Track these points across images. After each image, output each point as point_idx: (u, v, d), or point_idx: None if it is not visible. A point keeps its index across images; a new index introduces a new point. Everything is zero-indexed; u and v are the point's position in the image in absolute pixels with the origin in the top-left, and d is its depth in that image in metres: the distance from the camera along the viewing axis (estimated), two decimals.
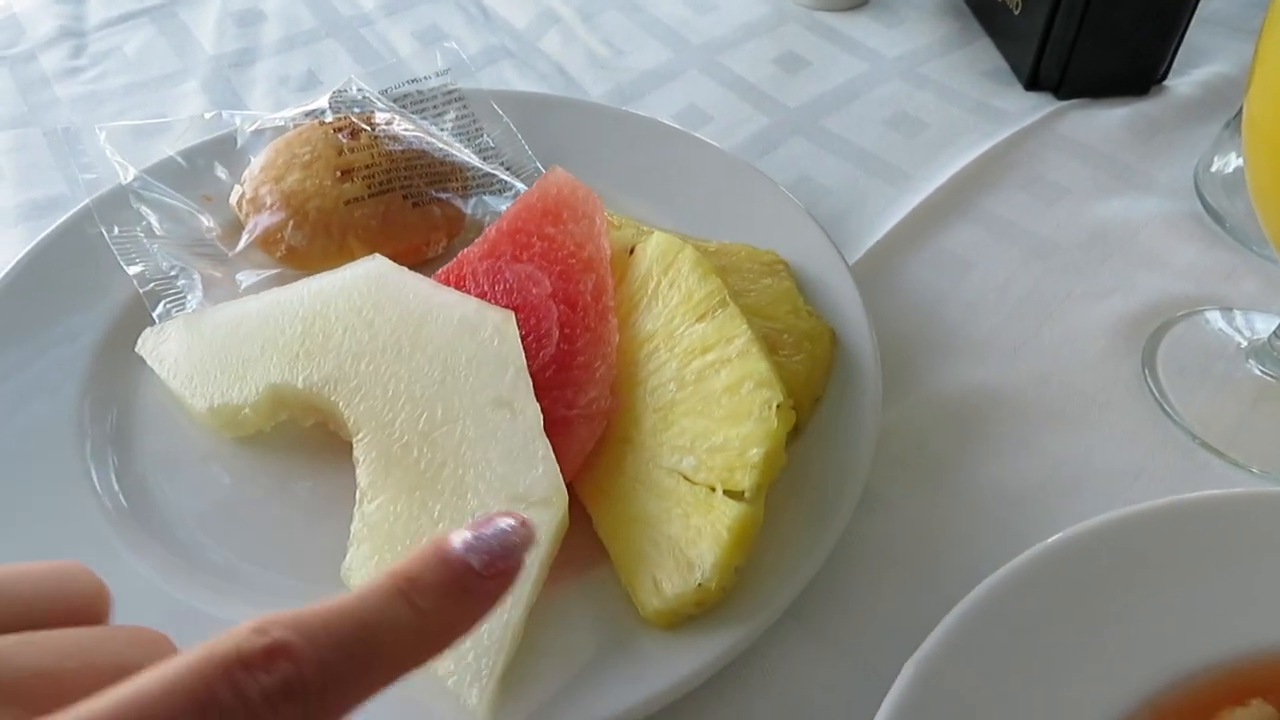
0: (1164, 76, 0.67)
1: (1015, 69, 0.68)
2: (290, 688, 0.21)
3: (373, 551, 0.37)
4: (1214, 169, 0.59)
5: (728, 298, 0.41)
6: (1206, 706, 0.34)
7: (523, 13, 0.75)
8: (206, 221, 0.52)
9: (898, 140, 0.63)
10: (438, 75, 0.60)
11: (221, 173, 0.54)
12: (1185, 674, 0.35)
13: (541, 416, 0.38)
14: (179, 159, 0.54)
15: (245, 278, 0.50)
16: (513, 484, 0.37)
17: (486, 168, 0.55)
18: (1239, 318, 0.52)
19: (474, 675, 0.34)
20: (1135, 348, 0.51)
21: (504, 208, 0.53)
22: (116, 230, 0.50)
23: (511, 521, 0.27)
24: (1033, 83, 0.67)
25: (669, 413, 0.40)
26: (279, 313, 0.43)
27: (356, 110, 0.56)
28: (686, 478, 0.38)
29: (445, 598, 0.25)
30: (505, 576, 0.26)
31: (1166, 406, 0.48)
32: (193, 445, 0.44)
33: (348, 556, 0.38)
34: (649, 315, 0.42)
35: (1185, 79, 0.67)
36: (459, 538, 0.26)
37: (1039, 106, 0.65)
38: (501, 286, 0.43)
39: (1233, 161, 0.59)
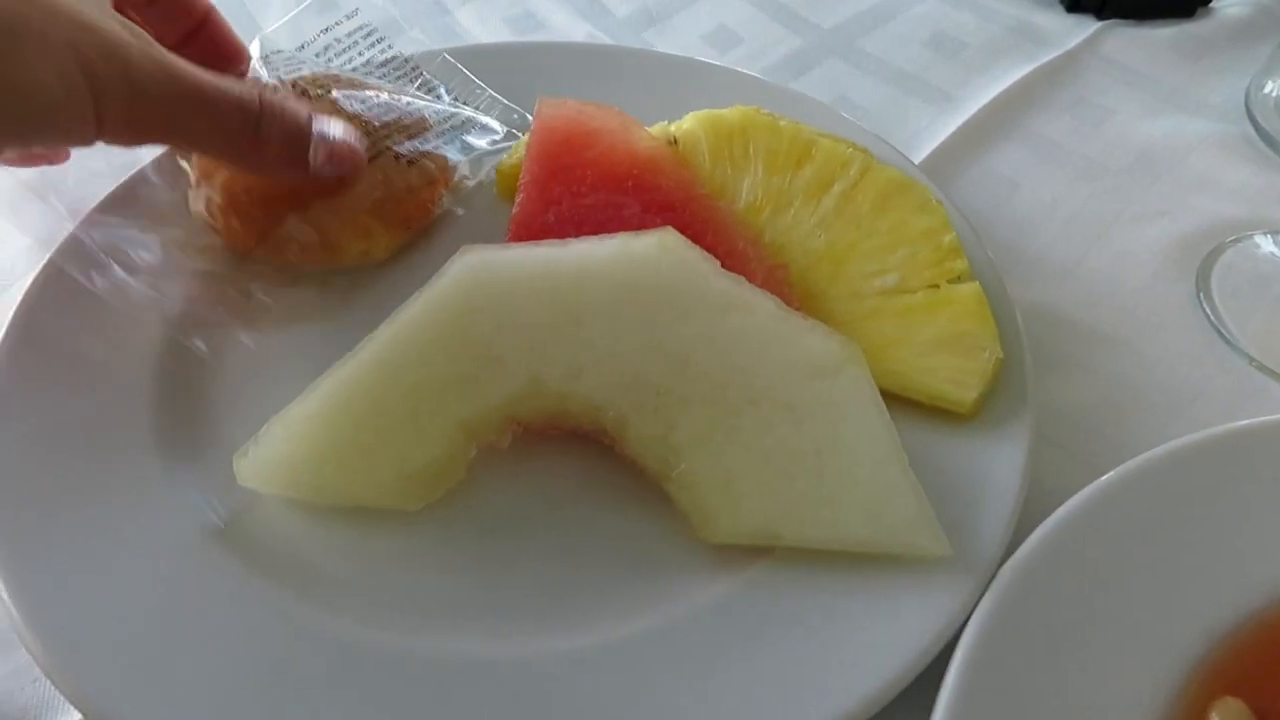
0: None
1: None
2: None
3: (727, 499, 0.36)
4: (1266, 90, 0.57)
5: (811, 134, 0.43)
6: None
7: None
8: (174, 237, 0.46)
9: (937, 60, 0.61)
10: (348, 18, 0.52)
11: (158, 180, 0.48)
12: None
13: (774, 299, 0.37)
14: (118, 190, 0.47)
15: (259, 287, 0.45)
16: (802, 366, 0.36)
17: (454, 108, 0.51)
18: None
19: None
20: (1187, 270, 0.49)
21: (486, 142, 0.50)
22: (98, 280, 0.44)
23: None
24: (1074, 3, 0.64)
25: (836, 252, 0.41)
26: (419, 357, 0.37)
27: (287, 73, 0.48)
28: (904, 291, 0.40)
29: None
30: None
31: (1222, 329, 0.47)
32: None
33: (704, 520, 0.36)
34: (744, 189, 0.43)
35: (1232, 0, 0.65)
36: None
37: (1081, 27, 0.63)
38: (589, 227, 0.41)
39: None
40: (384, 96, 0.48)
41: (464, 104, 0.52)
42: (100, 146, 0.37)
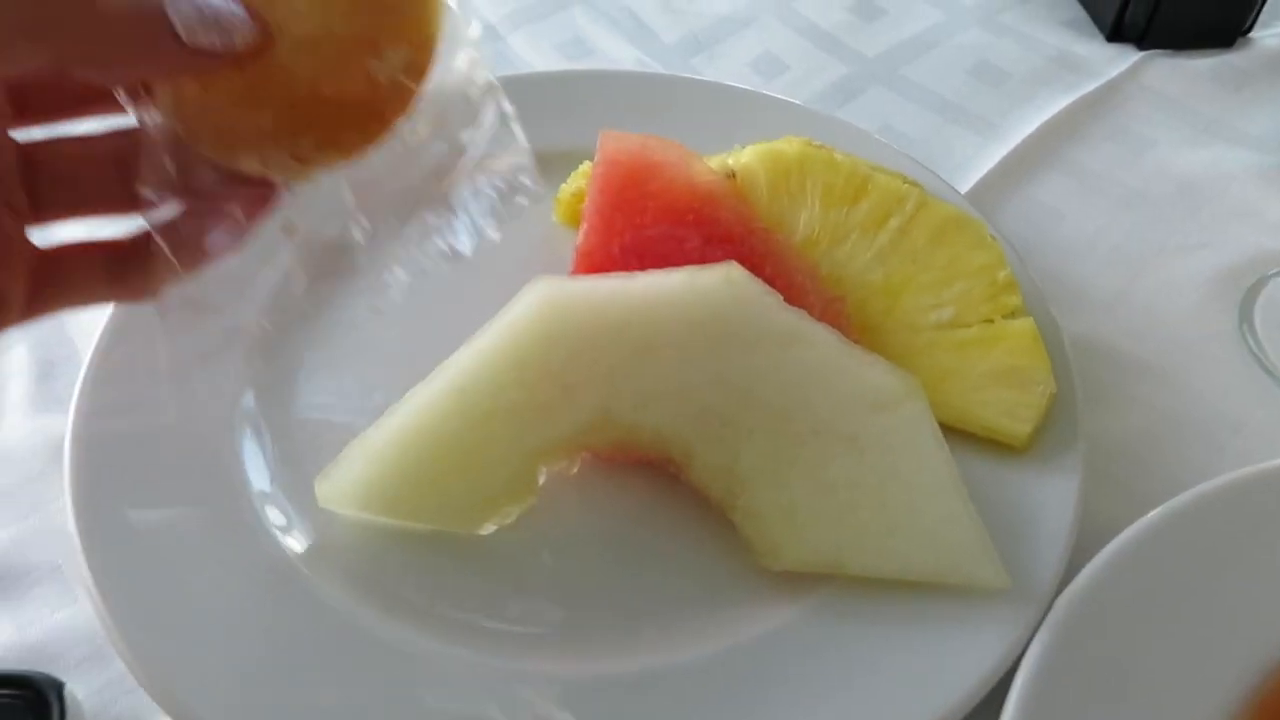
0: (1250, 28, 0.65)
1: (1096, 19, 0.67)
2: None
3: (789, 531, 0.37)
4: None
5: (868, 169, 0.44)
6: None
7: None
8: None
9: (980, 89, 0.62)
10: None
11: None
12: None
13: (834, 333, 0.38)
14: None
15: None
16: (864, 399, 0.37)
17: None
18: None
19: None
20: (1230, 302, 0.50)
21: None
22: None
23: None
24: (1115, 33, 0.65)
25: (892, 285, 0.42)
26: (493, 385, 0.38)
27: None
28: (959, 325, 0.41)
29: None
30: None
31: (1265, 362, 0.48)
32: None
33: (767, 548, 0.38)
34: (801, 223, 0.44)
35: (1272, 31, 0.66)
36: None
37: (1122, 57, 0.64)
38: (652, 259, 0.41)
39: None
40: None
41: None
42: None
